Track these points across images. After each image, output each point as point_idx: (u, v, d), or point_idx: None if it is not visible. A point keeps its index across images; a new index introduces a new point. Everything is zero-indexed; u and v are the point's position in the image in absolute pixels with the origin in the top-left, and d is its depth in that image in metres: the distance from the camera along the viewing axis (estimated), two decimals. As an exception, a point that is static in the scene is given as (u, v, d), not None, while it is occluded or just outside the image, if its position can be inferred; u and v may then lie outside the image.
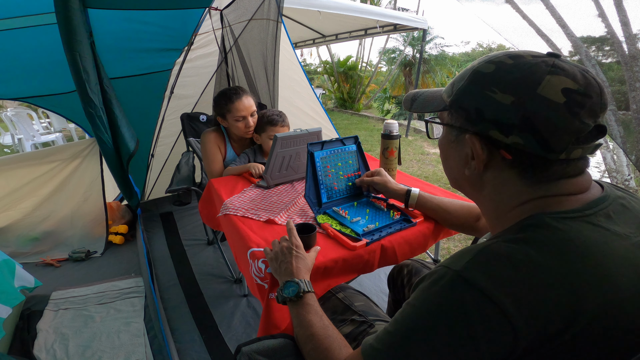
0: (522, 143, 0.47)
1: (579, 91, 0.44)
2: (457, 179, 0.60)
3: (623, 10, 1.15)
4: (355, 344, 0.84)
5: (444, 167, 0.62)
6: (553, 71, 0.45)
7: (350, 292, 0.99)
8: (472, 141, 0.51)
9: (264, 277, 0.93)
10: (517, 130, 0.46)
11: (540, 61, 0.47)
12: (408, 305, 0.50)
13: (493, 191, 0.54)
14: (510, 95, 0.47)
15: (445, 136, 0.59)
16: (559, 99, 0.44)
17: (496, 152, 0.50)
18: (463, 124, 0.53)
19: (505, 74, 0.48)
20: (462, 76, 0.54)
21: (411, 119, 6.73)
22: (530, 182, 0.49)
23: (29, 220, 2.18)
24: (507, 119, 0.47)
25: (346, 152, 1.27)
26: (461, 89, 0.53)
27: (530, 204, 0.50)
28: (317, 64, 13.14)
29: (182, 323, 1.65)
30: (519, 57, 0.49)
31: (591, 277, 0.42)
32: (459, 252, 0.49)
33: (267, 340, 0.71)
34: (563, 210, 0.47)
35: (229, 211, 1.25)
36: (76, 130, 5.83)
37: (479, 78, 0.50)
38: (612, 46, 1.23)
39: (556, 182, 0.49)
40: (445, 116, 0.57)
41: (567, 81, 0.45)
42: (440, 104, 0.57)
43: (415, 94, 0.65)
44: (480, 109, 0.49)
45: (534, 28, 1.24)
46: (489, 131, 0.49)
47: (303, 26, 5.36)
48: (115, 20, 1.96)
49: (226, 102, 1.70)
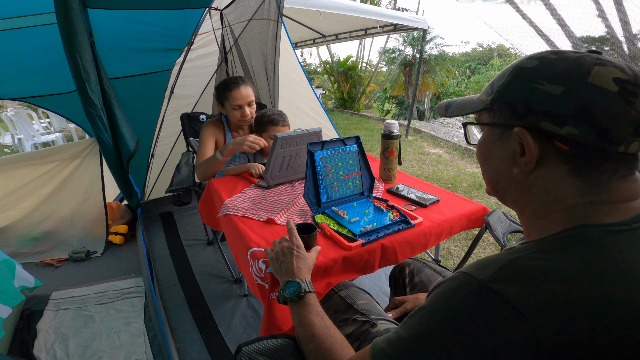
0: (578, 133, 0.44)
1: (630, 81, 0.44)
2: (500, 181, 0.57)
3: (623, 10, 1.14)
4: (358, 344, 0.84)
5: (484, 170, 0.59)
6: (600, 62, 0.45)
7: (353, 290, 0.98)
8: (522, 135, 0.49)
9: (264, 277, 0.93)
10: (573, 120, 0.44)
11: (585, 55, 0.47)
12: (424, 310, 0.48)
13: (541, 190, 0.51)
14: (560, 85, 0.45)
15: (487, 136, 0.56)
16: (612, 87, 0.43)
17: (549, 146, 0.48)
18: (508, 119, 0.51)
19: (550, 67, 0.47)
20: (502, 75, 0.53)
21: (411, 119, 6.73)
22: (583, 182, 0.47)
23: (29, 220, 2.18)
24: (560, 109, 0.45)
25: (347, 152, 1.27)
26: (503, 86, 0.51)
27: (577, 210, 0.47)
28: (317, 64, 13.15)
29: (182, 323, 1.65)
30: (561, 52, 0.48)
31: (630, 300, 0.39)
32: (485, 261, 0.47)
33: (268, 340, 0.71)
34: (609, 222, 0.45)
35: (229, 211, 1.25)
36: (76, 130, 5.83)
37: (523, 73, 0.49)
38: (612, 46, 1.23)
39: (607, 184, 0.46)
40: (486, 116, 0.55)
41: (617, 71, 0.44)
42: (478, 105, 0.56)
43: (449, 102, 0.64)
44: (528, 101, 0.48)
45: (534, 28, 1.24)
46: (540, 123, 0.47)
47: (303, 26, 5.36)
48: (115, 20, 1.96)
49: (224, 89, 1.74)
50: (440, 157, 4.82)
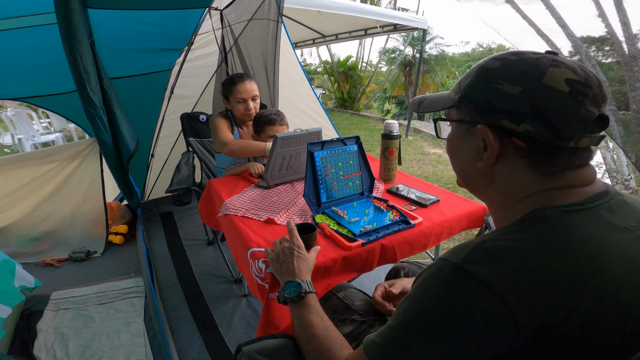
0: (533, 130, 0.48)
1: (580, 82, 0.47)
2: (467, 174, 0.61)
3: (623, 10, 1.14)
4: (356, 344, 0.84)
5: (453, 163, 0.64)
6: (554, 64, 0.49)
7: (351, 291, 0.99)
8: (484, 131, 0.53)
9: (264, 277, 0.93)
10: (528, 118, 0.48)
11: (542, 56, 0.50)
12: (408, 299, 0.52)
13: (504, 182, 0.55)
14: (518, 86, 0.49)
15: (454, 132, 0.61)
16: (563, 87, 0.47)
17: (508, 142, 0.52)
18: (473, 116, 0.55)
19: (510, 67, 0.51)
20: (468, 74, 0.56)
21: (411, 119, 6.73)
22: (540, 173, 0.51)
23: (29, 220, 2.18)
24: (517, 108, 0.49)
25: (347, 152, 1.27)
26: (469, 84, 0.55)
27: (538, 196, 0.51)
28: (317, 64, 13.16)
29: (182, 323, 1.65)
30: (521, 53, 0.52)
31: (588, 270, 0.43)
32: (458, 246, 0.51)
33: (268, 340, 0.71)
34: (565, 203, 0.49)
35: (229, 211, 1.25)
36: (76, 130, 5.83)
37: (486, 73, 0.53)
38: (612, 46, 1.23)
39: (563, 173, 0.50)
40: (454, 113, 0.59)
41: (569, 72, 0.48)
42: (447, 102, 0.60)
43: (421, 98, 0.68)
44: (490, 100, 0.52)
45: (534, 28, 1.24)
46: (500, 121, 0.51)
47: (303, 26, 5.36)
48: (115, 20, 1.96)
49: (230, 84, 1.80)
50: (440, 157, 4.82)
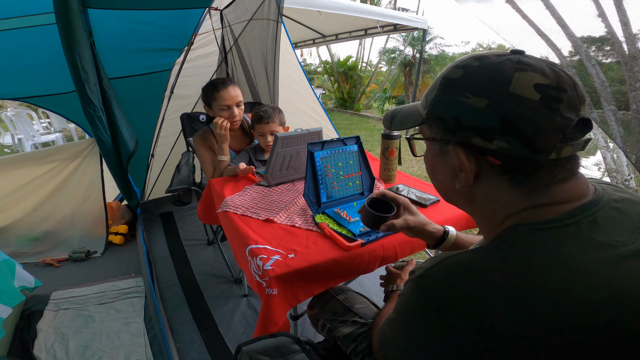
0: (507, 147, 0.44)
1: (552, 85, 0.42)
2: (449, 194, 0.57)
3: (623, 10, 1.15)
4: (354, 345, 0.84)
5: (433, 182, 0.60)
6: (520, 68, 0.44)
7: (351, 294, 0.99)
8: (455, 152, 0.49)
9: (262, 274, 0.93)
10: (499, 133, 0.44)
11: (505, 59, 0.45)
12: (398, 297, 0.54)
13: (485, 202, 0.51)
14: (483, 98, 0.44)
15: (429, 151, 0.56)
16: (533, 95, 0.42)
17: (483, 160, 0.47)
18: (443, 135, 0.50)
19: (473, 77, 0.46)
20: (433, 86, 0.51)
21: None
22: (522, 190, 0.47)
23: (29, 220, 2.18)
24: (486, 123, 0.44)
25: (347, 152, 1.27)
26: (435, 99, 0.50)
27: (521, 215, 0.47)
28: (317, 64, 13.16)
29: (182, 323, 1.65)
30: (484, 57, 0.47)
31: (548, 291, 0.39)
32: (433, 256, 0.50)
33: (267, 339, 0.71)
34: (541, 220, 0.45)
35: (229, 208, 1.25)
36: (76, 130, 5.83)
37: (450, 85, 0.48)
38: (612, 46, 1.23)
39: (548, 189, 0.46)
40: (426, 130, 0.54)
41: (537, 76, 0.43)
42: (418, 118, 0.55)
43: (394, 112, 0.63)
44: (458, 116, 0.47)
45: (534, 28, 1.24)
46: (470, 139, 0.46)
47: (303, 26, 5.35)
48: (115, 20, 1.96)
49: (212, 90, 1.69)
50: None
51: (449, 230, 0.87)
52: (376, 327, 0.81)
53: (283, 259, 0.96)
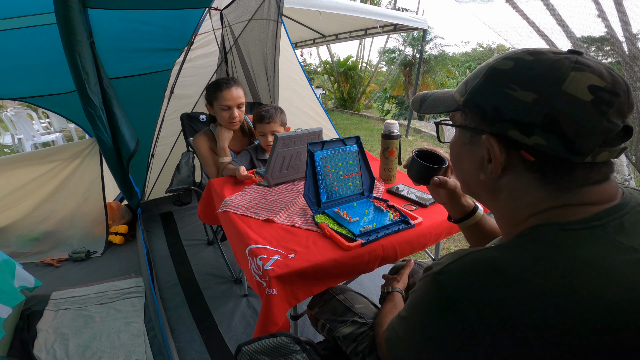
0: (545, 144, 0.43)
1: (607, 89, 0.41)
2: (471, 184, 0.56)
3: (623, 10, 1.15)
4: (354, 345, 0.84)
5: (456, 171, 0.59)
6: (578, 67, 0.42)
7: (350, 294, 0.99)
8: (489, 142, 0.48)
9: (262, 274, 0.93)
10: (540, 129, 0.43)
11: (563, 57, 0.44)
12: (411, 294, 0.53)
13: (509, 197, 0.50)
14: (532, 92, 0.43)
15: (458, 138, 0.55)
16: (585, 96, 0.41)
17: (515, 154, 0.47)
18: (478, 124, 0.49)
19: (525, 70, 0.45)
20: (476, 74, 0.50)
21: (411, 119, 6.73)
22: (551, 189, 0.46)
23: (29, 220, 2.18)
24: (529, 118, 0.44)
25: (347, 152, 1.27)
26: (476, 87, 0.49)
27: (546, 214, 0.46)
28: (317, 64, 13.15)
29: (182, 323, 1.65)
30: (539, 53, 0.46)
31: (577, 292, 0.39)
32: (450, 253, 0.49)
33: (267, 339, 0.71)
34: (567, 221, 0.44)
35: (229, 209, 1.25)
36: (76, 130, 5.83)
37: (497, 75, 0.47)
38: (612, 46, 1.23)
39: (579, 190, 0.45)
40: (458, 117, 0.54)
41: (594, 78, 0.42)
42: (452, 104, 0.54)
43: (424, 95, 0.62)
44: (498, 107, 0.46)
45: (534, 28, 1.24)
46: (508, 131, 0.45)
47: (303, 26, 5.35)
48: (115, 20, 1.96)
49: (215, 89, 1.70)
50: (440, 157, 4.81)
51: (478, 206, 0.84)
52: (378, 326, 0.81)
53: (283, 259, 0.96)
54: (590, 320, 0.38)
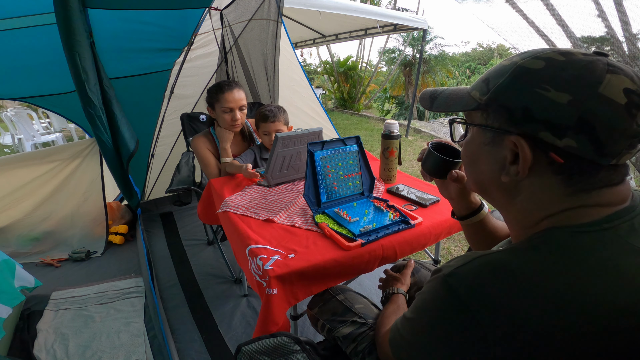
0: (576, 146, 0.42)
1: (638, 92, 0.41)
2: (486, 185, 0.55)
3: (623, 10, 1.14)
4: (354, 345, 0.84)
5: (469, 171, 0.57)
6: (612, 70, 0.42)
7: (350, 295, 0.99)
8: (519, 143, 0.46)
9: (262, 274, 0.93)
10: (572, 131, 0.42)
11: (595, 59, 0.43)
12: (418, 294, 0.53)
13: (528, 199, 0.49)
14: (567, 93, 0.42)
15: (476, 138, 0.53)
16: (620, 99, 0.41)
17: (542, 156, 0.45)
18: (503, 124, 0.47)
19: (558, 70, 0.43)
20: (500, 72, 0.48)
21: (411, 119, 6.73)
22: (572, 190, 0.45)
23: (29, 220, 2.18)
24: (562, 120, 0.42)
25: (347, 152, 1.27)
26: (502, 86, 0.47)
27: (559, 217, 0.46)
28: (317, 64, 13.15)
29: (182, 323, 1.65)
30: (570, 54, 0.45)
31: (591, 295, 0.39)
32: (460, 256, 0.49)
33: (267, 339, 0.71)
34: (580, 223, 0.44)
35: (229, 209, 1.25)
36: (76, 130, 5.83)
37: (526, 74, 0.45)
38: (612, 46, 1.23)
39: (598, 191, 0.45)
40: (478, 116, 0.52)
41: (627, 81, 0.42)
42: (469, 103, 0.52)
43: (433, 92, 0.60)
44: (529, 108, 0.44)
45: (534, 28, 1.24)
46: (538, 133, 0.44)
47: (303, 26, 5.36)
48: (115, 20, 1.96)
49: (217, 91, 1.69)
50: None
51: (484, 204, 0.83)
52: (379, 327, 0.81)
53: (283, 258, 0.96)
54: (602, 323, 0.38)
